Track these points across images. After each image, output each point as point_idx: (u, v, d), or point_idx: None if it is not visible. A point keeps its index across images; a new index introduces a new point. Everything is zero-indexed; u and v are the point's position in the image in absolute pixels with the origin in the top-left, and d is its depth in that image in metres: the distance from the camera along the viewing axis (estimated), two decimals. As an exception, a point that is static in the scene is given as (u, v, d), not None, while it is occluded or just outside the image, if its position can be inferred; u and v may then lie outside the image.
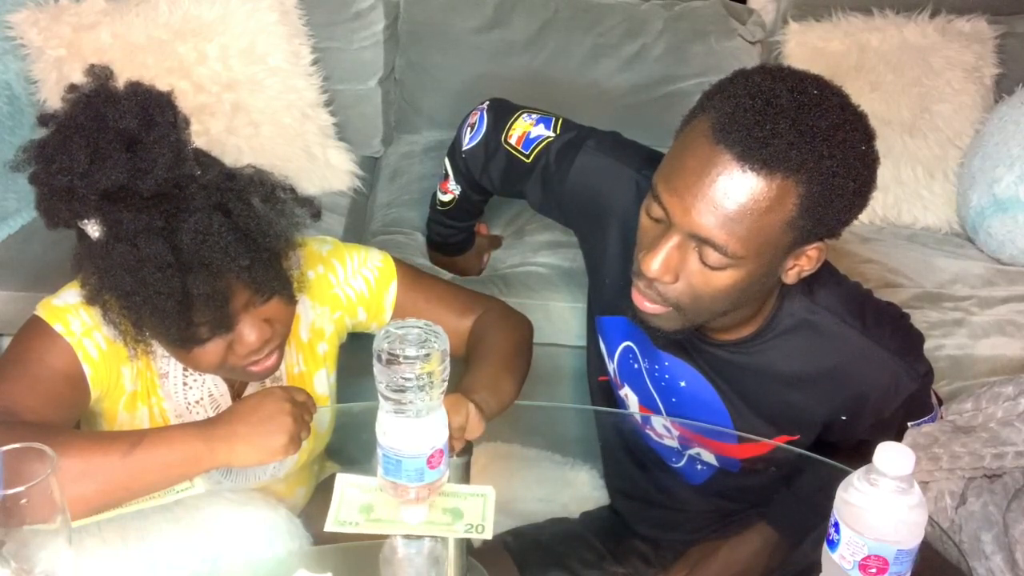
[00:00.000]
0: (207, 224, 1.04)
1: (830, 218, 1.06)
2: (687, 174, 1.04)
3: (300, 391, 1.11)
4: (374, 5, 2.24)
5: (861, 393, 1.23)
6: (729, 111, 1.03)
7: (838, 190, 1.04)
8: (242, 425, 1.06)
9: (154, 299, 1.03)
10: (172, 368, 1.24)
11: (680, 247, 1.07)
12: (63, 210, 1.06)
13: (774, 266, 1.10)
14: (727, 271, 1.07)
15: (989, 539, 1.22)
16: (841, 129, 1.03)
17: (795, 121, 1.01)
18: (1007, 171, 1.99)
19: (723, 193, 1.02)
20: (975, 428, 1.32)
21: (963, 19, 2.20)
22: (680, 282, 1.09)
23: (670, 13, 2.30)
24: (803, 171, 1.01)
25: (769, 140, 1.00)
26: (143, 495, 1.07)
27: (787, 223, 1.04)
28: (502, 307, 1.40)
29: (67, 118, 1.07)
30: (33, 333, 1.16)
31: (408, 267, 1.37)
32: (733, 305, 1.14)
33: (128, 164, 1.03)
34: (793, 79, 1.06)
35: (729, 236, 1.03)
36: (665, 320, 1.14)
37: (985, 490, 1.27)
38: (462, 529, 0.99)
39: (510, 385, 1.25)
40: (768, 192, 1.01)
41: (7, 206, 1.97)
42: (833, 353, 1.21)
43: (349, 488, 1.01)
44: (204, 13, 2.01)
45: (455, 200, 1.67)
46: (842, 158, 1.03)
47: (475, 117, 1.55)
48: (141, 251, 1.02)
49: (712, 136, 1.02)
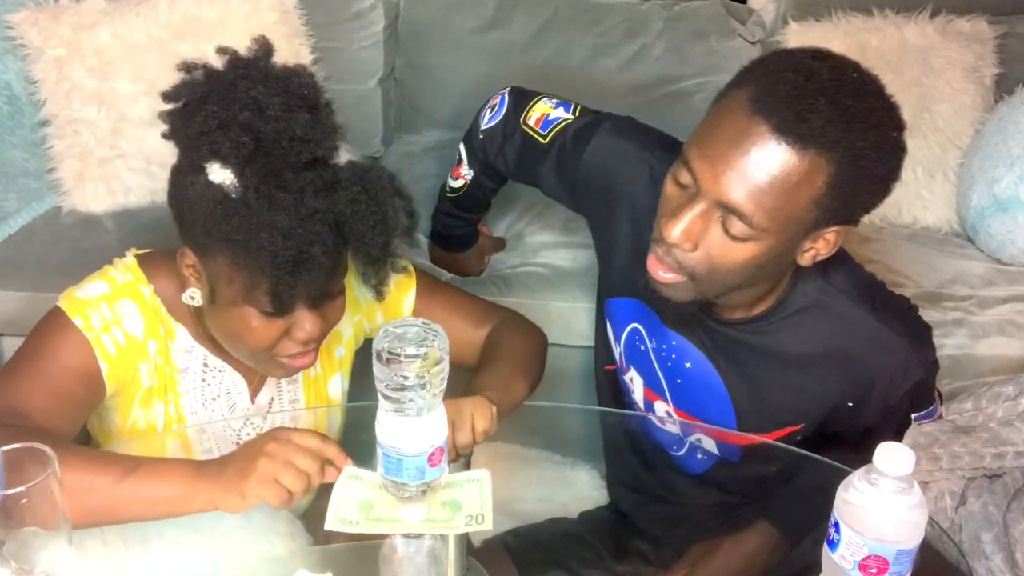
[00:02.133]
0: (358, 199, 1.09)
1: (855, 201, 1.09)
2: (721, 142, 1.06)
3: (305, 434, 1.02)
4: (374, 5, 2.24)
5: (869, 378, 1.23)
6: (769, 84, 1.05)
7: (867, 173, 1.06)
8: (230, 468, 1.00)
9: (301, 247, 1.05)
10: (192, 363, 1.24)
11: (704, 215, 1.08)
12: (224, 146, 1.06)
13: (794, 244, 1.11)
14: (748, 244, 1.08)
15: (989, 539, 1.22)
16: (876, 114, 1.05)
17: (834, 100, 1.03)
18: (1007, 171, 1.99)
19: (756, 163, 1.03)
20: (975, 428, 1.32)
21: (963, 19, 2.20)
22: (699, 251, 1.10)
23: (670, 13, 2.30)
24: (836, 150, 1.03)
25: (807, 115, 1.02)
26: (132, 522, 1.06)
27: (814, 200, 1.05)
28: (519, 318, 1.40)
29: (234, 69, 1.10)
30: (51, 326, 1.15)
31: (427, 275, 1.38)
32: (747, 281, 1.15)
33: (314, 123, 1.08)
34: (834, 60, 1.08)
35: (756, 207, 1.05)
36: (678, 290, 1.15)
37: (985, 490, 1.27)
38: (462, 523, 0.98)
39: (521, 387, 1.26)
40: (800, 166, 1.03)
41: (7, 206, 1.98)
42: (844, 335, 1.22)
43: (350, 481, 1.01)
44: (204, 13, 2.01)
45: (465, 186, 1.65)
46: (875, 142, 1.05)
47: (496, 99, 1.55)
48: (307, 203, 1.05)
49: (749, 107, 1.04)
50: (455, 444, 1.09)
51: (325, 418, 1.35)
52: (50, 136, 2.01)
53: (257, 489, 0.97)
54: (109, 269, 1.21)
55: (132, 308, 1.18)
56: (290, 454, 0.99)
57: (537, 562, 1.41)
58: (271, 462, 0.98)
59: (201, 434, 1.27)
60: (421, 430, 0.93)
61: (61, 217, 2.01)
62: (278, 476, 0.98)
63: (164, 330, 1.21)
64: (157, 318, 1.20)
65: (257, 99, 1.06)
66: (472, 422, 1.10)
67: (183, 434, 1.26)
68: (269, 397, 1.30)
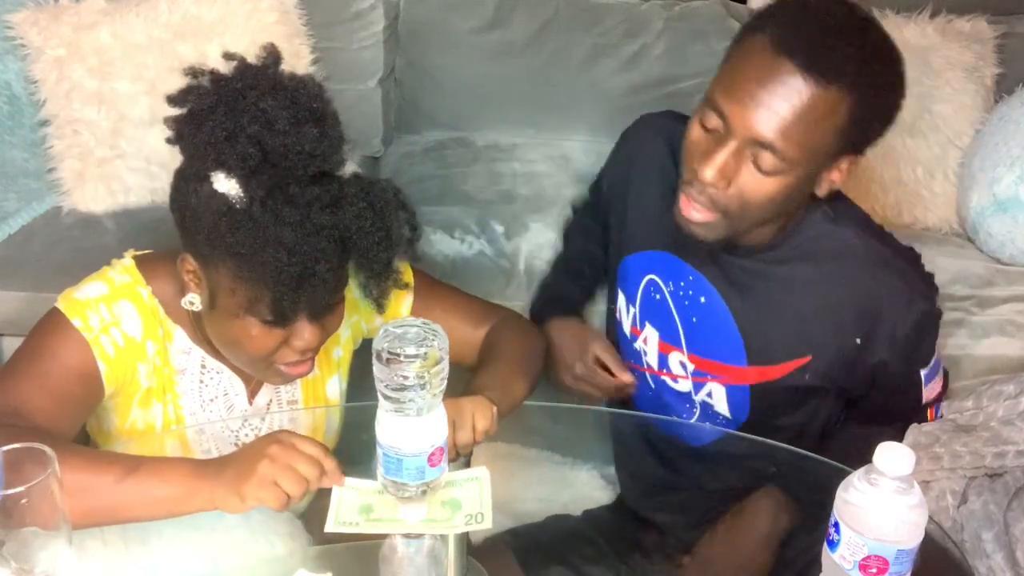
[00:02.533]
0: (364, 215, 1.09)
1: (870, 129, 1.20)
2: (748, 82, 1.14)
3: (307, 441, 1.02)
4: (374, 5, 2.24)
5: (875, 304, 1.26)
6: (791, 27, 1.14)
7: (881, 103, 1.18)
8: (230, 469, 1.00)
9: (306, 263, 1.05)
10: (190, 365, 1.24)
11: (736, 154, 1.16)
12: (231, 158, 1.05)
13: (816, 174, 1.20)
14: (778, 177, 1.16)
15: (990, 538, 1.22)
16: (888, 51, 1.17)
17: (853, 38, 1.13)
18: (1007, 171, 1.99)
19: (784, 100, 1.12)
20: (976, 427, 1.32)
21: (963, 19, 2.20)
22: (732, 188, 1.17)
23: (670, 13, 2.30)
24: (857, 83, 1.12)
25: (830, 53, 1.11)
26: (132, 522, 1.06)
27: (837, 130, 1.14)
28: (517, 317, 1.40)
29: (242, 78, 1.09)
30: (50, 327, 1.15)
31: (425, 275, 1.37)
32: (776, 213, 1.23)
33: (322, 137, 1.08)
34: (844, 4, 1.18)
35: (787, 141, 1.13)
36: (710, 228, 1.22)
37: (986, 489, 1.27)
38: (462, 522, 0.99)
39: (521, 387, 1.26)
40: (826, 100, 1.12)
41: (7, 206, 1.98)
42: (849, 259, 1.28)
43: (347, 492, 1.01)
44: (204, 13, 2.01)
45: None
46: (888, 76, 1.17)
47: None
48: (313, 218, 1.05)
49: (772, 48, 1.12)
50: (455, 443, 1.09)
51: (324, 419, 1.35)
52: (50, 136, 2.01)
53: (256, 491, 0.97)
54: (107, 270, 1.21)
55: (130, 309, 1.18)
56: (292, 458, 0.98)
57: (539, 560, 1.42)
58: (272, 465, 0.98)
59: (200, 435, 1.27)
60: (421, 430, 0.93)
61: (61, 217, 2.01)
62: (278, 479, 0.97)
63: (162, 331, 1.21)
64: (155, 319, 1.20)
65: (266, 111, 1.06)
66: (473, 421, 1.10)
67: (182, 435, 1.26)
68: (267, 398, 1.30)
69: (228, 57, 1.12)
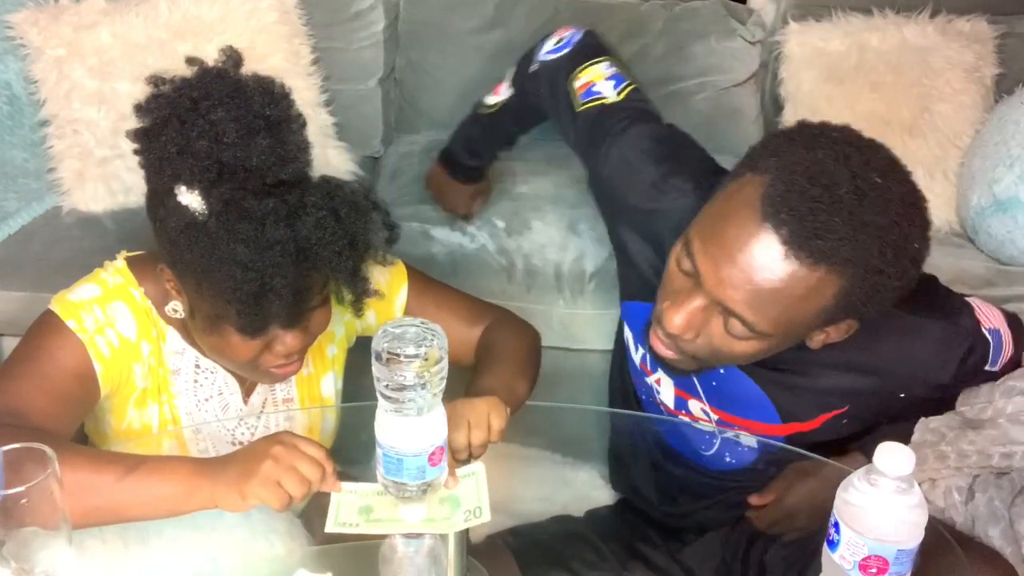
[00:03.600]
0: (325, 223, 1.06)
1: (868, 306, 1.03)
2: (727, 243, 1.00)
3: (310, 443, 1.02)
4: (374, 5, 2.24)
5: (912, 371, 1.20)
6: (783, 187, 0.98)
7: (881, 286, 1.01)
8: (232, 468, 1.00)
9: (263, 279, 1.03)
10: (184, 365, 1.24)
11: (706, 310, 1.05)
12: (185, 173, 1.05)
13: (799, 340, 1.09)
14: (750, 341, 1.05)
15: (997, 534, 1.22)
16: (898, 227, 0.99)
17: (851, 215, 0.96)
18: (1007, 171, 1.99)
19: (761, 274, 0.98)
20: (984, 423, 1.31)
21: (963, 19, 2.20)
22: (701, 339, 1.07)
23: (670, 13, 2.30)
24: (849, 267, 0.98)
25: (821, 232, 0.96)
26: (133, 521, 1.06)
27: (821, 310, 1.01)
28: (511, 316, 1.40)
29: (197, 87, 1.08)
30: (45, 329, 1.15)
31: (420, 274, 1.37)
32: (754, 361, 1.13)
33: (273, 148, 1.06)
34: (859, 161, 1.00)
35: (758, 315, 1.01)
36: (681, 364, 1.14)
37: (991, 485, 1.27)
38: (462, 519, 0.99)
39: (523, 388, 1.26)
40: (808, 282, 0.98)
41: (7, 206, 1.98)
42: (867, 348, 1.18)
43: (346, 494, 1.01)
44: (204, 13, 2.01)
45: (500, 105, 1.58)
46: (892, 257, 0.99)
47: (566, 34, 1.47)
48: (267, 233, 1.03)
49: (761, 209, 0.98)
50: (471, 443, 1.09)
51: (320, 418, 1.35)
52: (50, 136, 2.01)
53: (258, 490, 0.97)
54: (100, 272, 1.21)
55: (124, 310, 1.18)
56: (295, 459, 0.99)
57: (538, 562, 1.41)
58: (276, 465, 0.98)
59: (196, 434, 1.27)
60: (421, 430, 0.93)
61: (61, 217, 2.01)
62: (281, 479, 0.98)
63: (156, 332, 1.21)
64: (149, 320, 1.20)
65: (216, 123, 1.05)
66: (489, 421, 1.10)
67: (178, 435, 1.27)
68: (263, 397, 1.31)
69: (191, 62, 1.12)
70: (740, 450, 1.35)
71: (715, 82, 2.29)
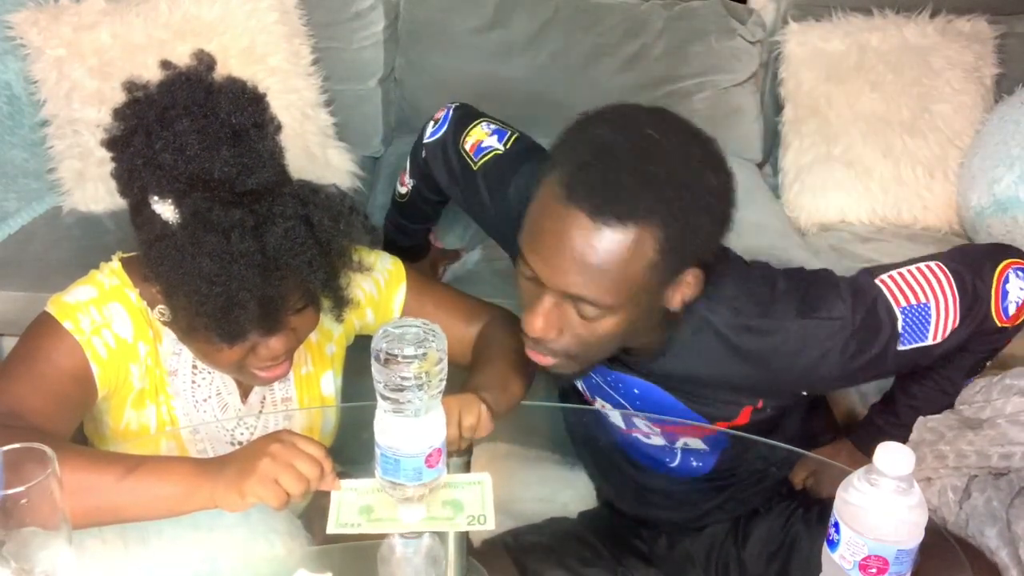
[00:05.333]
0: (294, 232, 1.05)
1: (694, 251, 1.09)
2: (546, 236, 1.07)
3: (308, 441, 1.02)
4: (374, 5, 2.24)
5: (784, 367, 1.21)
6: (574, 168, 1.05)
7: (693, 226, 1.06)
8: (231, 467, 1.00)
9: (229, 292, 1.03)
10: (181, 366, 1.24)
11: (557, 305, 1.09)
12: (152, 185, 1.05)
13: (653, 302, 1.12)
14: (607, 319, 1.09)
15: (993, 534, 1.22)
16: (684, 169, 1.06)
17: (636, 171, 1.04)
18: (1007, 171, 1.99)
19: (583, 251, 1.04)
20: (983, 422, 1.31)
21: (963, 19, 2.20)
22: (565, 335, 1.11)
23: (670, 13, 2.30)
24: (654, 217, 1.03)
25: (616, 194, 1.03)
26: (133, 521, 1.06)
27: (650, 266, 1.06)
28: (508, 315, 1.40)
29: (166, 94, 1.08)
30: (42, 330, 1.15)
31: (417, 273, 1.37)
32: (625, 342, 1.16)
33: (237, 158, 1.05)
34: (632, 126, 1.08)
35: (598, 289, 1.06)
36: (563, 367, 1.16)
37: (989, 485, 1.27)
38: (464, 522, 0.99)
39: (518, 386, 1.25)
40: (625, 243, 1.04)
41: (7, 206, 1.98)
42: (741, 349, 1.20)
43: (347, 493, 1.01)
44: (204, 13, 2.01)
45: (409, 194, 1.64)
46: (691, 197, 1.05)
47: (440, 113, 1.53)
48: (232, 245, 1.02)
49: (564, 194, 1.05)
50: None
51: (319, 418, 1.35)
52: (50, 136, 2.01)
53: (256, 488, 0.97)
54: (96, 274, 1.21)
55: (120, 311, 1.18)
56: (293, 457, 0.99)
57: (537, 562, 1.41)
58: (273, 463, 0.98)
59: (195, 435, 1.27)
60: (419, 431, 0.93)
61: (61, 217, 2.01)
62: (279, 477, 0.97)
63: (152, 332, 1.21)
64: (145, 321, 1.20)
65: (180, 135, 1.05)
66: (459, 418, 1.10)
67: (177, 435, 1.26)
68: (261, 396, 1.30)
69: (165, 66, 1.11)
70: (701, 454, 1.38)
71: (715, 82, 2.29)
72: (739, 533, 1.44)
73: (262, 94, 1.13)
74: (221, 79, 1.11)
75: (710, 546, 1.46)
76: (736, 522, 1.45)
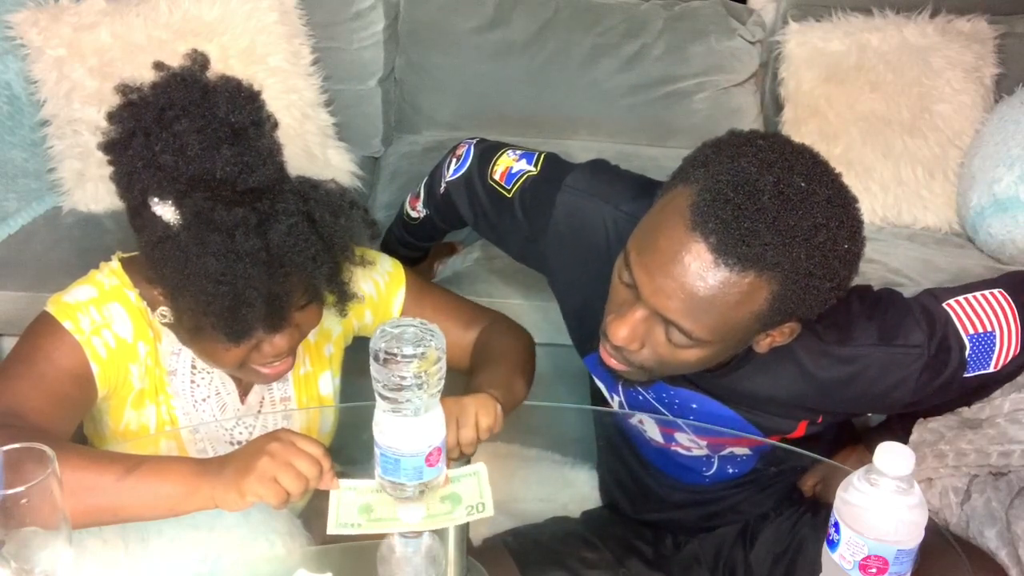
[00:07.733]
0: (297, 228, 1.06)
1: (802, 311, 1.05)
2: (659, 253, 1.02)
3: (307, 440, 1.02)
4: (374, 5, 2.24)
5: (856, 396, 1.21)
6: (710, 197, 1.00)
7: (813, 289, 1.02)
8: (230, 466, 1.00)
9: (236, 291, 1.03)
10: (180, 366, 1.24)
11: (647, 320, 1.06)
12: (153, 186, 1.05)
13: (742, 343, 1.10)
14: (693, 349, 1.06)
15: (993, 535, 1.22)
16: (824, 229, 1.00)
17: (775, 220, 0.98)
18: (1007, 171, 1.99)
19: (693, 282, 1.00)
20: (982, 422, 1.31)
21: (963, 19, 2.20)
22: (646, 350, 1.09)
23: (670, 13, 2.30)
24: (778, 270, 0.99)
25: (746, 238, 0.98)
26: (133, 521, 1.06)
27: (756, 315, 1.03)
28: (506, 319, 1.40)
29: (162, 95, 1.08)
30: (42, 330, 1.16)
31: (417, 277, 1.37)
32: (701, 369, 1.14)
33: (238, 157, 1.05)
34: (781, 168, 1.01)
35: (695, 323, 1.02)
36: (634, 375, 1.15)
37: (989, 486, 1.27)
38: (464, 514, 0.99)
39: (521, 387, 1.26)
40: (739, 287, 1.00)
41: (7, 206, 1.98)
42: (829, 370, 1.19)
43: (346, 492, 1.01)
44: (204, 13, 2.01)
45: (420, 221, 1.63)
46: (821, 259, 1.00)
47: (461, 150, 1.50)
48: (237, 244, 1.03)
49: (689, 218, 1.00)
50: (459, 442, 1.08)
51: (318, 418, 1.35)
52: (50, 136, 2.01)
53: (256, 487, 0.97)
54: (95, 274, 1.21)
55: (120, 311, 1.18)
56: (291, 456, 0.99)
57: (538, 562, 1.41)
58: (272, 462, 0.98)
59: (195, 435, 1.28)
60: (419, 430, 0.93)
61: (61, 217, 2.01)
62: (278, 476, 0.98)
63: (152, 332, 1.21)
64: (144, 321, 1.20)
65: (179, 135, 1.05)
66: (476, 419, 1.10)
67: (176, 435, 1.27)
68: (259, 396, 1.31)
69: (158, 67, 1.11)
70: (739, 460, 1.37)
71: (715, 82, 2.29)
72: (747, 535, 1.44)
73: (257, 91, 1.13)
74: (216, 78, 1.12)
75: (719, 548, 1.46)
76: (745, 525, 1.45)
